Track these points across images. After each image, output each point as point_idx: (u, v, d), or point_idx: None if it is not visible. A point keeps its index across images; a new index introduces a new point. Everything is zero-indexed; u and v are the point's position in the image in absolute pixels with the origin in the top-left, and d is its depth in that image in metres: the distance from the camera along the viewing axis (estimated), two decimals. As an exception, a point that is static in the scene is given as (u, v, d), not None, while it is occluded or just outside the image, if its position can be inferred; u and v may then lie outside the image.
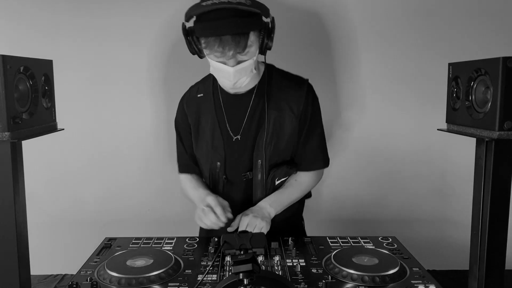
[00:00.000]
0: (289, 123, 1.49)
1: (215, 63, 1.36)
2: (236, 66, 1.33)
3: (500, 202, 1.06)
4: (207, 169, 1.56)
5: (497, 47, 2.02)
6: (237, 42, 1.27)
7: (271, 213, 1.48)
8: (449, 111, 1.19)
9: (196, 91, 1.57)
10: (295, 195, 1.56)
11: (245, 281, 0.96)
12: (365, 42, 2.06)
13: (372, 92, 2.10)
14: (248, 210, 1.48)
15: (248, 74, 1.39)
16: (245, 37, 1.29)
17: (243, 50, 1.30)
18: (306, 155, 1.55)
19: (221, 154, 1.51)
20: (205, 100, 1.54)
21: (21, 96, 1.07)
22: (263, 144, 1.48)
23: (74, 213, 2.16)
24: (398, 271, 1.22)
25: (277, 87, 1.50)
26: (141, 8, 2.02)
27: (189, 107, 1.56)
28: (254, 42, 1.34)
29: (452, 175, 2.16)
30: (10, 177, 1.06)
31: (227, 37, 1.26)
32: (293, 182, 1.56)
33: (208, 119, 1.52)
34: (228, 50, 1.28)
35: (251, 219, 1.41)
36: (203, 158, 1.57)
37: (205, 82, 1.58)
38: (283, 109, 1.48)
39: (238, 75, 1.36)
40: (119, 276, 1.19)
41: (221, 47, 1.28)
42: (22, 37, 2.01)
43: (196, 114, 1.55)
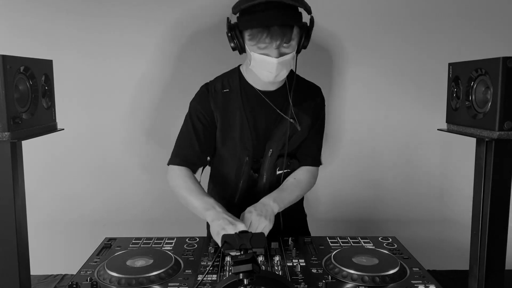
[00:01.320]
0: (305, 120, 1.58)
1: (258, 56, 1.40)
2: (280, 58, 1.39)
3: (500, 202, 1.06)
4: (234, 165, 1.59)
5: (497, 47, 2.02)
6: (284, 33, 1.34)
7: (274, 209, 1.46)
8: (449, 111, 1.19)
9: (221, 85, 1.57)
10: (296, 192, 1.58)
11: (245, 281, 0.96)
12: (365, 42, 2.06)
13: (372, 92, 2.10)
14: (252, 207, 1.46)
15: (288, 67, 1.45)
16: (291, 29, 1.36)
17: (289, 41, 1.38)
18: (310, 151, 1.63)
19: (249, 149, 1.56)
20: (231, 96, 1.55)
21: (21, 96, 1.07)
22: (279, 136, 1.55)
23: (74, 213, 2.16)
24: (398, 271, 1.22)
25: (298, 89, 1.59)
26: (142, 9, 2.02)
27: (216, 102, 1.55)
28: (296, 37, 1.41)
29: (452, 175, 2.16)
30: (10, 177, 1.06)
31: (275, 27, 1.33)
32: (293, 181, 1.59)
33: (235, 115, 1.54)
34: (275, 40, 1.35)
35: (255, 218, 1.41)
36: (229, 154, 1.59)
37: (230, 78, 1.59)
38: (302, 108, 1.58)
39: (280, 67, 1.41)
40: (119, 276, 1.19)
41: (268, 37, 1.34)
42: (22, 37, 2.01)
43: (223, 109, 1.55)
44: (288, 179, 1.59)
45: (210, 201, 1.44)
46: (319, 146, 1.66)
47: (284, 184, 1.58)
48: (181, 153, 1.57)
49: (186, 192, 1.50)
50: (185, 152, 1.56)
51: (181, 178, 1.53)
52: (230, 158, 1.60)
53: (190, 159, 1.56)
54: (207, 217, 1.41)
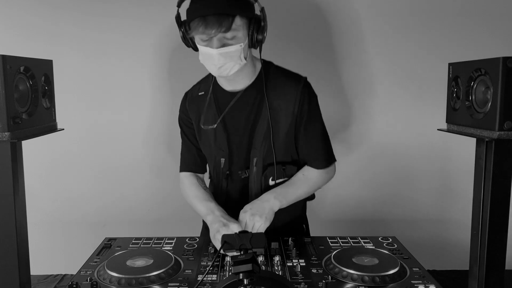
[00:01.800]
0: (284, 121, 1.48)
1: (201, 48, 1.37)
2: (220, 49, 1.33)
3: (500, 202, 1.06)
4: (212, 166, 1.59)
5: (497, 47, 2.02)
6: (220, 22, 1.28)
7: (274, 206, 1.44)
8: (449, 111, 1.19)
9: (197, 89, 1.59)
10: (301, 189, 1.53)
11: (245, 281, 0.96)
12: (365, 42, 2.06)
13: (372, 92, 2.10)
14: (248, 205, 1.45)
15: (235, 60, 1.37)
16: (229, 19, 1.30)
17: (226, 31, 1.30)
18: (309, 153, 1.54)
19: (225, 151, 1.52)
20: (205, 98, 1.54)
21: (21, 96, 1.07)
22: (260, 142, 1.48)
23: (74, 213, 2.16)
24: (398, 271, 1.22)
25: (273, 85, 1.49)
26: (142, 9, 2.02)
27: (191, 105, 1.58)
28: (241, 28, 1.34)
29: (452, 175, 2.16)
30: (10, 177, 1.06)
31: (210, 17, 1.28)
32: (301, 177, 1.53)
33: (209, 116, 1.52)
34: (210, 29, 1.29)
35: (248, 218, 1.40)
36: (207, 155, 1.60)
37: (206, 81, 1.59)
38: (279, 107, 1.48)
39: (223, 59, 1.35)
40: (119, 276, 1.19)
41: (203, 26, 1.29)
42: (22, 37, 2.01)
43: (198, 112, 1.56)
44: (297, 174, 1.54)
45: (211, 205, 1.48)
46: (320, 146, 1.54)
47: (292, 179, 1.53)
48: (184, 160, 1.65)
49: (192, 200, 1.57)
50: (187, 158, 1.64)
51: (188, 187, 1.61)
52: (208, 160, 1.61)
53: (194, 163, 1.63)
54: (207, 222, 1.46)
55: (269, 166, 1.50)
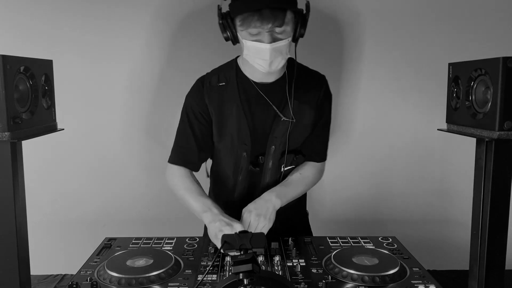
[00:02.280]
0: (308, 115, 1.52)
1: (250, 43, 1.36)
2: (273, 43, 1.34)
3: (500, 202, 1.06)
4: (231, 160, 1.55)
5: (497, 47, 2.02)
6: (275, 16, 1.29)
7: (276, 205, 1.44)
8: (449, 111, 1.19)
9: (216, 79, 1.52)
10: (300, 188, 1.56)
11: (245, 281, 0.96)
12: (365, 42, 2.05)
13: (372, 92, 2.10)
14: (252, 204, 1.44)
15: (283, 55, 1.39)
16: (283, 13, 1.31)
17: (281, 25, 1.32)
18: (316, 147, 1.59)
19: (248, 144, 1.51)
20: (228, 89, 1.50)
21: (21, 96, 1.07)
22: (282, 132, 1.50)
23: (74, 213, 2.16)
24: (398, 271, 1.22)
25: (299, 80, 1.52)
26: (142, 8, 2.02)
27: (211, 96, 1.51)
28: (290, 22, 1.36)
29: (452, 175, 2.16)
30: (10, 177, 1.06)
31: (265, 11, 1.29)
32: (298, 176, 1.56)
33: (232, 109, 1.49)
34: (266, 23, 1.30)
35: (253, 218, 1.40)
36: (226, 149, 1.54)
37: (227, 71, 1.54)
38: (304, 101, 1.51)
39: (274, 54, 1.36)
40: (119, 276, 1.19)
41: (259, 21, 1.29)
42: (22, 37, 2.01)
43: (219, 103, 1.50)
44: (293, 173, 1.56)
45: (207, 202, 1.44)
46: (325, 141, 1.61)
47: (289, 178, 1.55)
48: (180, 152, 1.55)
49: (185, 193, 1.50)
50: (184, 151, 1.54)
51: (179, 178, 1.53)
52: (227, 154, 1.55)
53: (189, 158, 1.54)
54: (204, 219, 1.42)
55: (282, 154, 1.53)
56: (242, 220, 1.41)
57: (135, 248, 1.42)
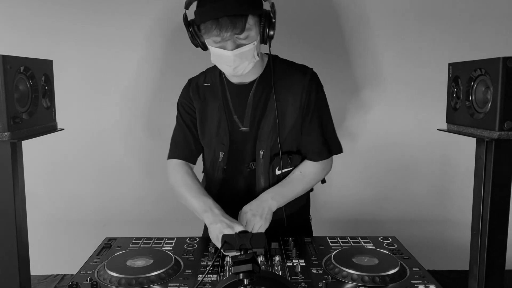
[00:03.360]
0: (291, 113, 1.48)
1: (214, 49, 1.36)
2: (235, 50, 1.33)
3: (500, 202, 1.06)
4: (209, 158, 1.56)
5: (497, 47, 2.02)
6: (234, 23, 1.27)
7: (272, 207, 1.44)
8: (449, 111, 1.19)
9: (203, 79, 1.57)
10: (299, 187, 1.53)
11: (245, 281, 0.96)
12: (365, 41, 2.06)
13: (372, 92, 2.10)
14: (247, 206, 1.45)
15: (249, 59, 1.37)
16: (243, 19, 1.29)
17: (241, 32, 1.30)
18: (311, 145, 1.53)
19: (225, 145, 1.51)
20: (212, 89, 1.53)
21: (21, 96, 1.07)
22: (266, 134, 1.48)
23: (74, 213, 2.16)
24: (398, 271, 1.22)
25: (280, 77, 1.49)
26: (141, 8, 2.02)
27: (195, 94, 1.55)
28: (254, 27, 1.34)
29: (452, 175, 2.16)
30: (10, 177, 1.06)
31: (224, 19, 1.27)
32: (298, 174, 1.53)
33: (214, 108, 1.51)
34: (225, 31, 1.28)
35: (250, 218, 1.40)
36: (206, 147, 1.57)
37: (212, 72, 1.57)
38: (286, 99, 1.48)
39: (238, 60, 1.35)
40: (119, 276, 1.19)
41: (218, 29, 1.28)
42: (22, 37, 2.01)
43: (203, 102, 1.53)
44: (294, 171, 1.54)
45: (208, 201, 1.43)
46: (325, 136, 1.53)
47: (288, 177, 1.53)
48: (177, 147, 1.58)
49: (185, 190, 1.49)
50: (181, 146, 1.57)
51: (180, 175, 1.53)
52: (207, 152, 1.57)
53: (187, 152, 1.57)
54: (204, 219, 1.41)
55: (275, 156, 1.50)
56: (239, 220, 1.41)
57: (135, 248, 1.42)
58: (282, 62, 1.54)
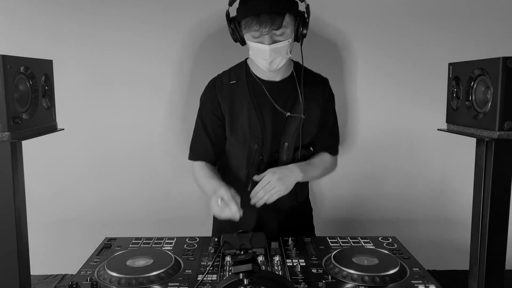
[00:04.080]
0: (315, 112, 1.61)
1: (253, 44, 1.46)
2: (272, 45, 1.43)
3: (500, 202, 1.06)
4: (244, 152, 1.61)
5: (497, 47, 2.02)
6: (273, 20, 1.39)
7: (298, 177, 1.53)
8: (449, 111, 1.19)
9: (228, 78, 1.62)
10: (319, 170, 1.65)
11: (245, 281, 0.96)
12: (365, 41, 2.06)
13: (372, 92, 2.10)
14: (276, 168, 1.53)
15: (283, 55, 1.48)
16: (281, 17, 1.41)
17: (278, 28, 1.41)
18: (331, 143, 1.71)
19: (259, 137, 1.58)
20: (238, 86, 1.60)
21: (21, 96, 1.07)
22: (293, 129, 1.58)
23: (74, 213, 2.16)
24: (398, 271, 1.22)
25: (305, 80, 1.61)
26: (141, 7, 2.02)
27: (223, 93, 1.60)
28: (289, 25, 1.45)
29: (452, 175, 2.16)
30: (10, 177, 1.06)
31: (264, 15, 1.38)
32: (319, 159, 1.66)
33: (243, 104, 1.58)
34: (264, 27, 1.39)
35: (275, 179, 1.47)
36: (238, 142, 1.61)
37: (237, 70, 1.64)
38: (311, 100, 1.61)
39: (273, 54, 1.45)
40: (119, 276, 1.19)
41: (258, 25, 1.39)
42: (22, 37, 2.01)
43: (230, 100, 1.59)
44: (315, 157, 1.67)
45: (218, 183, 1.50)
46: (337, 136, 1.73)
47: (311, 159, 1.65)
48: (196, 148, 1.67)
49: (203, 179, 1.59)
50: (199, 147, 1.66)
51: (199, 170, 1.63)
52: (240, 147, 1.62)
53: (205, 153, 1.65)
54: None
55: (295, 150, 1.61)
56: (263, 178, 1.48)
57: (135, 248, 1.42)
58: (306, 68, 1.65)
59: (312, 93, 1.61)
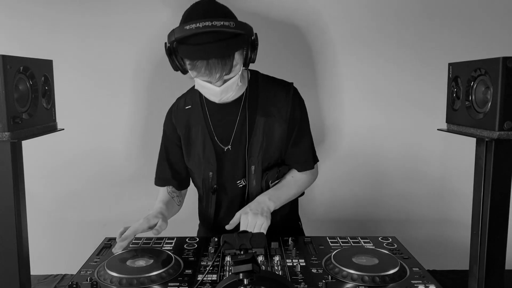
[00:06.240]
0: (278, 127, 1.51)
1: (201, 82, 1.37)
2: (223, 86, 1.35)
3: (500, 202, 1.06)
4: (200, 179, 1.58)
5: (497, 47, 2.02)
6: (223, 64, 1.28)
7: (270, 207, 1.47)
8: (449, 111, 1.19)
9: (183, 103, 1.58)
10: (292, 191, 1.57)
11: (245, 281, 0.96)
12: (364, 40, 2.06)
13: (371, 92, 2.10)
14: (247, 207, 1.46)
15: (233, 89, 1.40)
16: (231, 59, 1.30)
17: (230, 71, 1.32)
18: (300, 157, 1.57)
19: (213, 165, 1.53)
20: (193, 112, 1.55)
21: (21, 96, 1.07)
22: (256, 151, 1.51)
23: (74, 213, 2.16)
24: (398, 271, 1.22)
25: (263, 93, 1.52)
26: (141, 7, 2.02)
27: (178, 119, 1.57)
28: (239, 60, 1.35)
29: (452, 175, 2.16)
30: (10, 177, 1.06)
31: (213, 60, 1.27)
32: (290, 179, 1.57)
33: (198, 130, 1.54)
34: (215, 73, 1.29)
35: (251, 218, 1.41)
36: (195, 169, 1.58)
37: (192, 94, 1.57)
38: (272, 114, 1.51)
39: (224, 93, 1.38)
40: (119, 276, 1.19)
41: (207, 70, 1.29)
42: (22, 36, 2.01)
43: (186, 126, 1.56)
44: (285, 177, 1.57)
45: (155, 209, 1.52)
46: (307, 147, 1.58)
47: (281, 182, 1.56)
48: (158, 173, 1.66)
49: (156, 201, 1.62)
50: (160, 174, 1.65)
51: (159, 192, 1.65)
52: (196, 173, 1.59)
53: (166, 179, 1.63)
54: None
55: (266, 171, 1.54)
56: (241, 222, 1.42)
57: (135, 248, 1.42)
58: (264, 77, 1.56)
59: (274, 105, 1.50)
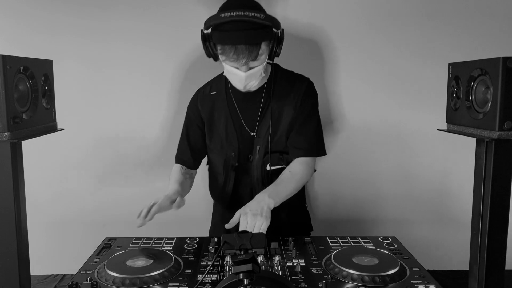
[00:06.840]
0: (286, 113, 1.62)
1: (229, 67, 1.50)
2: (248, 72, 1.48)
3: (500, 202, 1.06)
4: (222, 159, 1.68)
5: (497, 47, 2.01)
6: (250, 51, 1.42)
7: (270, 205, 1.48)
8: (449, 111, 1.19)
9: (209, 89, 1.70)
10: (291, 185, 1.59)
11: (245, 281, 0.96)
12: (364, 40, 2.05)
13: (372, 92, 2.10)
14: (246, 207, 1.47)
15: (257, 78, 1.53)
16: (257, 47, 1.43)
17: (255, 58, 1.45)
18: (301, 143, 1.63)
19: (235, 146, 1.65)
20: (218, 98, 1.67)
21: (21, 96, 1.07)
22: (264, 132, 1.62)
23: (74, 213, 2.16)
24: (398, 271, 1.22)
25: (282, 84, 1.64)
26: (142, 7, 2.02)
27: (203, 104, 1.68)
28: (265, 51, 1.48)
29: (452, 175, 2.16)
30: (10, 177, 1.06)
31: (241, 46, 1.41)
32: (287, 174, 1.61)
33: (221, 115, 1.65)
34: (242, 58, 1.43)
35: (250, 219, 1.41)
36: (217, 150, 1.69)
37: (218, 81, 1.70)
38: (284, 101, 1.62)
39: (248, 79, 1.51)
40: (119, 276, 1.19)
41: (235, 55, 1.42)
42: (22, 36, 2.01)
43: (210, 110, 1.67)
44: (283, 172, 1.61)
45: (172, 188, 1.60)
46: (311, 136, 1.64)
47: (279, 178, 1.59)
48: (179, 153, 1.76)
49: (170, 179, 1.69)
50: (179, 152, 1.75)
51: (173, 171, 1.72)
52: (218, 154, 1.69)
53: (183, 158, 1.73)
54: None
55: (266, 154, 1.64)
56: (240, 222, 1.42)
57: (135, 248, 1.43)
58: (283, 71, 1.69)
59: (289, 96, 1.62)
